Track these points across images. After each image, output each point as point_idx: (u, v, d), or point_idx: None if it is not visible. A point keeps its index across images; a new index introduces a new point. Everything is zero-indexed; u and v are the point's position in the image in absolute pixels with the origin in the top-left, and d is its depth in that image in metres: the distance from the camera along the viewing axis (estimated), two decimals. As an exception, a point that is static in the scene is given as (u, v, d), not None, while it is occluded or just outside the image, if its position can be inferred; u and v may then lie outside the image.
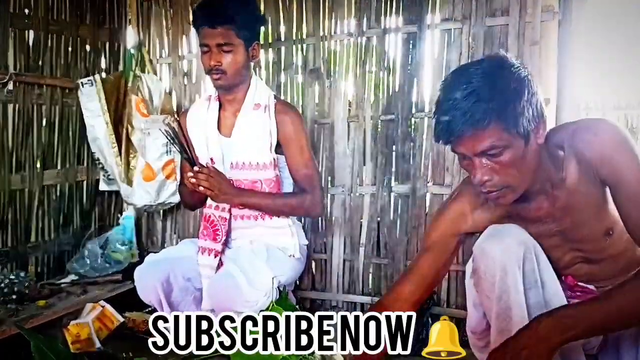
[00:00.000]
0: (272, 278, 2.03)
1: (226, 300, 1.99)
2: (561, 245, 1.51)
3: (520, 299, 1.38)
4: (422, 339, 2.28)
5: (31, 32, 2.76)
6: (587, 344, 1.46)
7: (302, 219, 2.64)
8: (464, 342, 2.45)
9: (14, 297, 2.43)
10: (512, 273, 1.38)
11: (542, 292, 1.41)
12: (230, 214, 2.26)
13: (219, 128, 2.27)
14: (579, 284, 1.53)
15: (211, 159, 2.24)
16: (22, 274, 2.54)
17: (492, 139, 1.24)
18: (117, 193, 3.16)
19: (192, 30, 3.05)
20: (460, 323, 2.50)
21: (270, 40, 2.88)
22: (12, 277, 2.49)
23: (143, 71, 3.06)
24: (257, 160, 2.20)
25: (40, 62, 2.81)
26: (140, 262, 2.40)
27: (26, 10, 2.73)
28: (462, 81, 1.26)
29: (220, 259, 2.22)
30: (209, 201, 2.28)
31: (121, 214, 3.26)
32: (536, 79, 2.19)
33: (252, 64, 2.23)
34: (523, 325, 1.33)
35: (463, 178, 1.79)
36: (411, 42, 2.57)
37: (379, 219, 2.69)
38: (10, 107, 2.69)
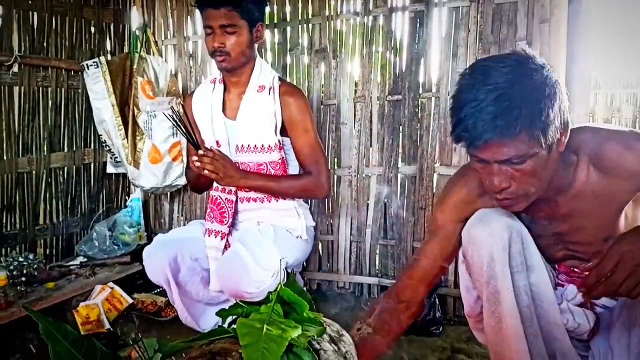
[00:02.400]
0: (280, 259, 2.04)
1: (233, 280, 2.00)
2: (555, 244, 1.49)
3: (507, 283, 1.37)
4: (429, 320, 2.30)
5: (35, 14, 2.75)
6: (578, 328, 1.46)
7: (309, 201, 2.64)
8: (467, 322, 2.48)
9: (23, 279, 2.46)
10: (499, 257, 1.36)
11: (529, 275, 1.40)
12: (237, 197, 2.26)
13: (224, 111, 2.26)
14: (575, 269, 1.52)
15: (217, 142, 2.24)
16: (30, 257, 2.57)
17: (519, 147, 1.17)
18: (124, 175, 3.18)
19: (197, 12, 3.02)
20: (466, 304, 2.52)
21: (275, 21, 2.85)
22: (21, 259, 2.52)
23: (148, 53, 3.05)
24: (262, 143, 2.19)
25: (45, 44, 2.80)
26: (148, 244, 2.41)
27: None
28: (488, 80, 1.17)
29: (227, 241, 2.23)
30: (215, 184, 2.28)
31: (128, 196, 3.27)
32: (545, 58, 2.17)
33: (256, 45, 2.21)
34: (512, 308, 1.35)
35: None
36: (418, 20, 2.54)
37: (385, 200, 2.69)
38: (15, 89, 2.69)
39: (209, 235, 2.25)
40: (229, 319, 1.44)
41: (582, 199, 1.35)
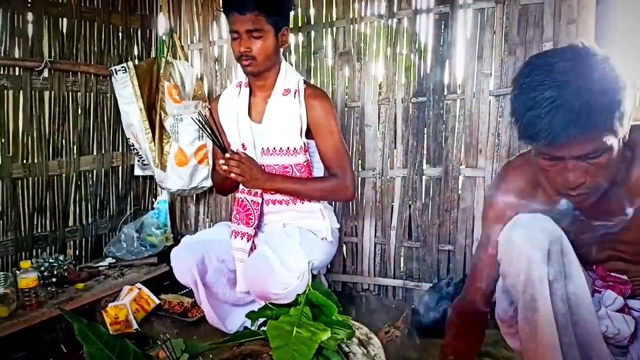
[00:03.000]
0: (309, 262, 2.05)
1: (260, 281, 2.02)
2: (601, 243, 1.44)
3: (544, 291, 1.33)
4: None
5: (65, 20, 2.81)
6: (618, 335, 1.43)
7: (333, 203, 2.65)
8: (497, 327, 2.45)
9: (53, 280, 2.52)
10: (538, 266, 1.33)
11: (566, 284, 1.36)
12: (263, 199, 2.28)
13: (249, 114, 2.28)
14: (611, 274, 1.49)
15: (243, 145, 2.26)
16: (61, 258, 2.62)
17: (600, 140, 1.14)
18: (152, 178, 3.22)
19: (223, 16, 3.06)
20: (493, 307, 2.49)
21: (300, 24, 2.87)
22: (51, 260, 2.58)
23: (175, 57, 3.10)
24: (288, 146, 2.20)
25: (74, 50, 2.86)
26: (174, 245, 2.44)
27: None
28: (554, 76, 1.14)
29: (253, 243, 2.25)
30: (241, 186, 2.30)
31: (155, 199, 3.32)
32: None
33: (281, 49, 2.23)
34: (549, 317, 1.31)
35: (509, 159, 1.68)
36: (443, 22, 2.53)
37: (410, 202, 2.68)
38: (46, 94, 2.76)
39: (235, 237, 2.27)
40: (259, 321, 1.46)
41: (636, 196, 1.32)
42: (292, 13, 2.31)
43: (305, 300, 1.30)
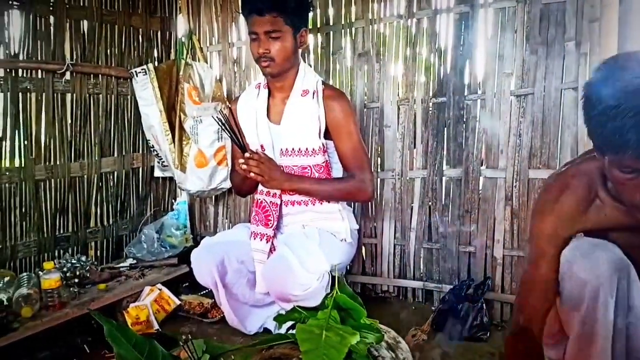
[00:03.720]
0: (334, 266, 2.05)
1: (280, 282, 2.03)
2: None
3: (608, 327, 1.27)
4: (476, 325, 2.27)
5: (86, 23, 2.84)
6: None
7: (352, 204, 2.64)
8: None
9: (75, 280, 2.54)
10: (603, 303, 1.26)
11: (627, 314, 1.30)
12: (281, 200, 2.29)
13: (268, 115, 2.29)
14: None
15: (261, 146, 2.27)
16: (83, 259, 2.65)
17: None
18: (171, 179, 3.25)
19: (241, 18, 3.07)
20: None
21: (319, 25, 2.86)
22: (73, 261, 2.60)
23: (194, 59, 3.11)
24: (307, 146, 2.20)
25: (95, 52, 2.90)
26: (194, 246, 2.46)
27: (81, 1, 2.82)
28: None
29: (272, 244, 2.26)
30: (260, 187, 2.31)
31: (175, 200, 3.34)
32: (596, 58, 2.11)
33: (300, 50, 2.24)
34: (605, 350, 1.24)
35: (560, 169, 1.54)
36: (463, 22, 2.51)
37: (430, 203, 2.66)
38: (68, 96, 2.79)
39: (255, 238, 2.28)
40: (286, 325, 1.45)
41: None
42: (310, 14, 2.31)
43: (332, 304, 1.30)
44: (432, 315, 2.33)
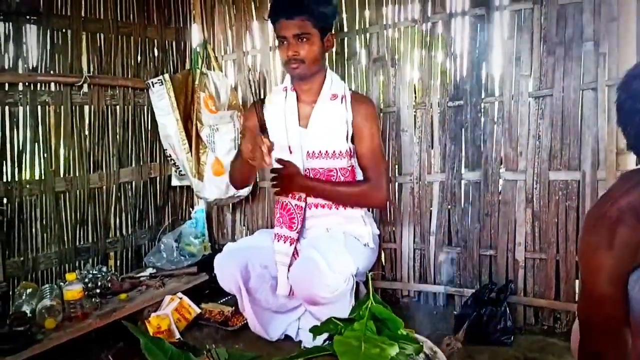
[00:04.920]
0: (369, 274, 2.05)
1: (307, 284, 2.03)
2: None
3: None
4: (500, 329, 2.25)
5: (102, 35, 2.87)
6: None
7: (372, 210, 2.64)
8: (544, 331, 2.41)
9: (97, 291, 2.55)
10: None
11: None
12: (306, 203, 2.29)
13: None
14: None
15: (289, 148, 2.28)
16: (104, 269, 2.66)
17: None
18: (189, 188, 3.26)
19: (256, 26, 3.10)
20: (537, 312, 2.45)
21: (332, 31, 2.85)
22: (95, 272, 2.61)
23: (209, 68, 3.12)
24: (333, 149, 2.23)
25: (112, 64, 2.92)
26: (213, 254, 2.45)
27: (97, 14, 2.83)
28: None
29: (295, 247, 2.26)
30: None
31: (193, 208, 3.35)
32: (614, 58, 2.07)
33: (327, 54, 2.26)
34: None
35: (602, 196, 1.29)
36: (479, 25, 2.50)
37: (449, 206, 2.65)
38: (86, 108, 2.81)
39: (278, 241, 2.28)
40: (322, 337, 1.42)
41: None
42: (336, 18, 2.33)
43: (368, 314, 1.28)
44: (467, 322, 2.27)
